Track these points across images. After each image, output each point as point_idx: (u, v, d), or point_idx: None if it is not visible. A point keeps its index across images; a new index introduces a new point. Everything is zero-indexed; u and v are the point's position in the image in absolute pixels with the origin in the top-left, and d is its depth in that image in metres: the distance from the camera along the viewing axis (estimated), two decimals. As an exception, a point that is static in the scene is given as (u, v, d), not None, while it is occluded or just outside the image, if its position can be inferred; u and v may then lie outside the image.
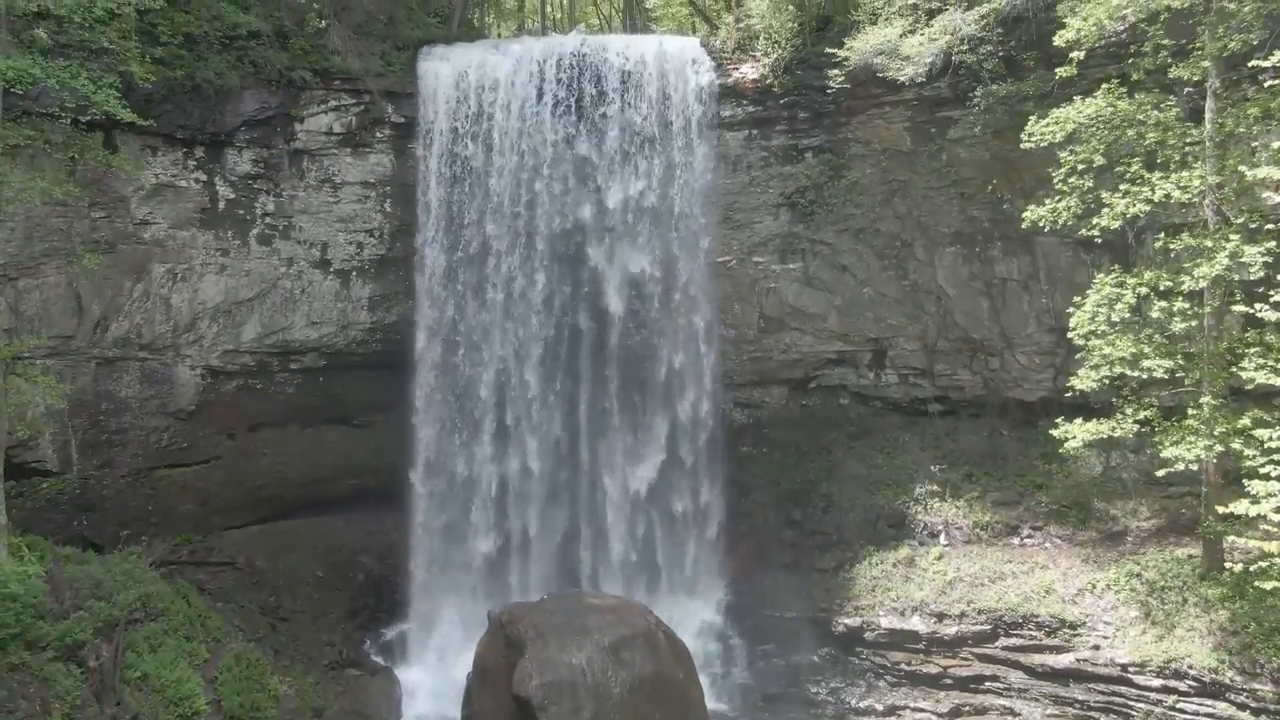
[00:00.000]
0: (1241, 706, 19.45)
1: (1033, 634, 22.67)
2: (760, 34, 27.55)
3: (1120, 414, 20.96)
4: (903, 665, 23.95)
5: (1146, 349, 19.89)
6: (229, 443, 26.65)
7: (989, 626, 23.17)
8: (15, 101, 19.94)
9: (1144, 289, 19.82)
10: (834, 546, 26.54)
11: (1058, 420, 21.56)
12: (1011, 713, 22.53)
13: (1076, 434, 21.05)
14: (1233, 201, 19.75)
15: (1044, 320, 25.91)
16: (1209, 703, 19.96)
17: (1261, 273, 18.46)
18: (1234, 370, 19.40)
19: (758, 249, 28.23)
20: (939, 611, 23.84)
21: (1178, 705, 20.36)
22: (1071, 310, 20.92)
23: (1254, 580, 18.33)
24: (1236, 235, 18.83)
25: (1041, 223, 21.27)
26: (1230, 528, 19.82)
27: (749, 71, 27.27)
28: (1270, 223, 18.97)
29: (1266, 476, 17.83)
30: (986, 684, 23.02)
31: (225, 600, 23.56)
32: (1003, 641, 23.00)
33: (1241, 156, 19.29)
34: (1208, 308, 19.80)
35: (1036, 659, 22.47)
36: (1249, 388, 19.23)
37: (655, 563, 27.36)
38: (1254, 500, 17.87)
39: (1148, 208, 19.75)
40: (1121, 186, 20.10)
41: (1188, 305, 19.41)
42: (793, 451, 28.88)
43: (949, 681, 23.37)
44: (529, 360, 26.56)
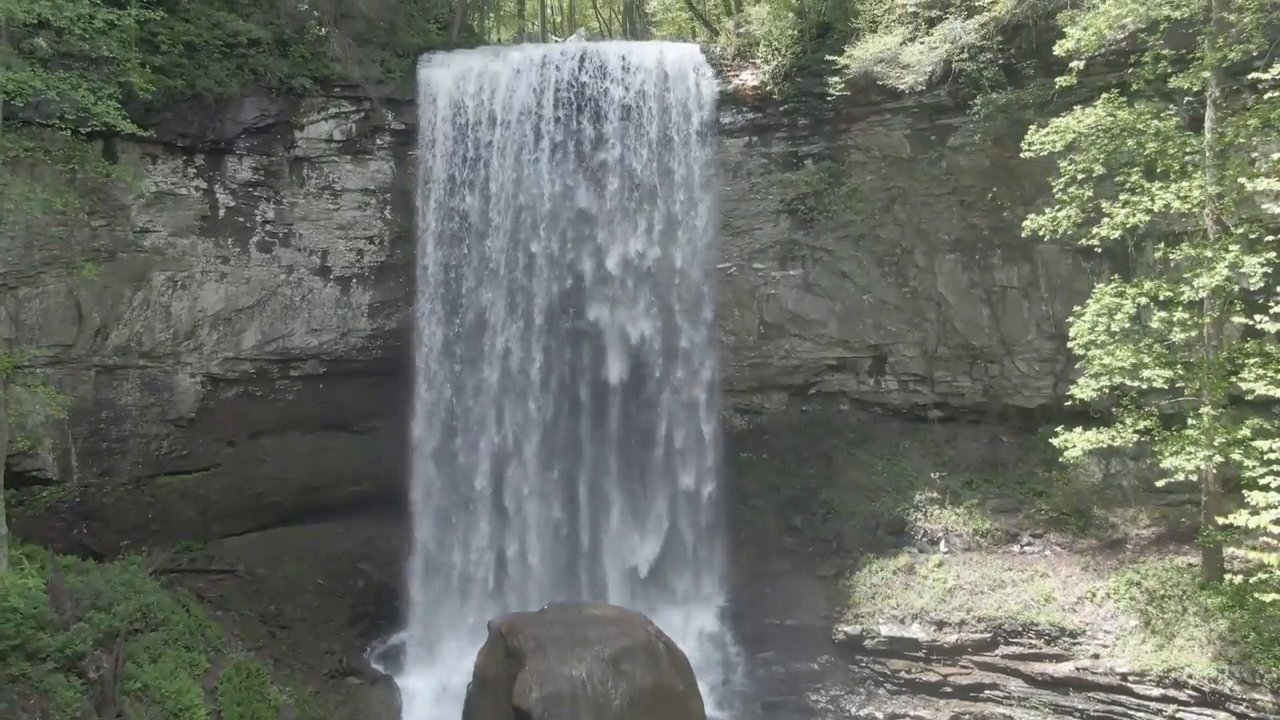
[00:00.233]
0: (1241, 717, 19.41)
1: (1032, 642, 22.63)
2: (760, 41, 27.56)
3: (1120, 423, 20.96)
4: (903, 673, 23.91)
5: (1146, 359, 19.87)
6: (229, 450, 26.64)
7: (989, 635, 23.11)
8: (15, 111, 19.95)
9: (1144, 299, 19.79)
10: (834, 553, 26.48)
11: (1058, 429, 21.48)
12: (1011, 721, 22.54)
13: (1076, 443, 20.99)
14: (1232, 211, 19.74)
15: (1044, 328, 25.89)
16: (1209, 712, 19.91)
17: (1261, 283, 18.44)
18: (1234, 380, 19.41)
19: (758, 255, 28.25)
20: (939, 619, 23.80)
21: (1178, 715, 20.32)
22: (1071, 320, 20.91)
23: (1253, 592, 18.33)
24: (1236, 246, 18.81)
25: (1041, 232, 21.27)
26: (1229, 537, 19.84)
27: (749, 78, 27.28)
28: (1270, 233, 18.93)
29: (1266, 488, 17.80)
30: (986, 692, 22.97)
31: (225, 608, 23.50)
32: (1003, 650, 22.94)
33: (1241, 167, 19.26)
34: (1207, 318, 19.76)
35: (1036, 667, 22.42)
36: (1249, 398, 19.22)
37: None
38: (1253, 511, 17.86)
39: (1147, 218, 19.74)
40: (1121, 196, 20.07)
41: (1187, 315, 19.37)
42: (792, 458, 28.87)
43: (949, 690, 23.33)
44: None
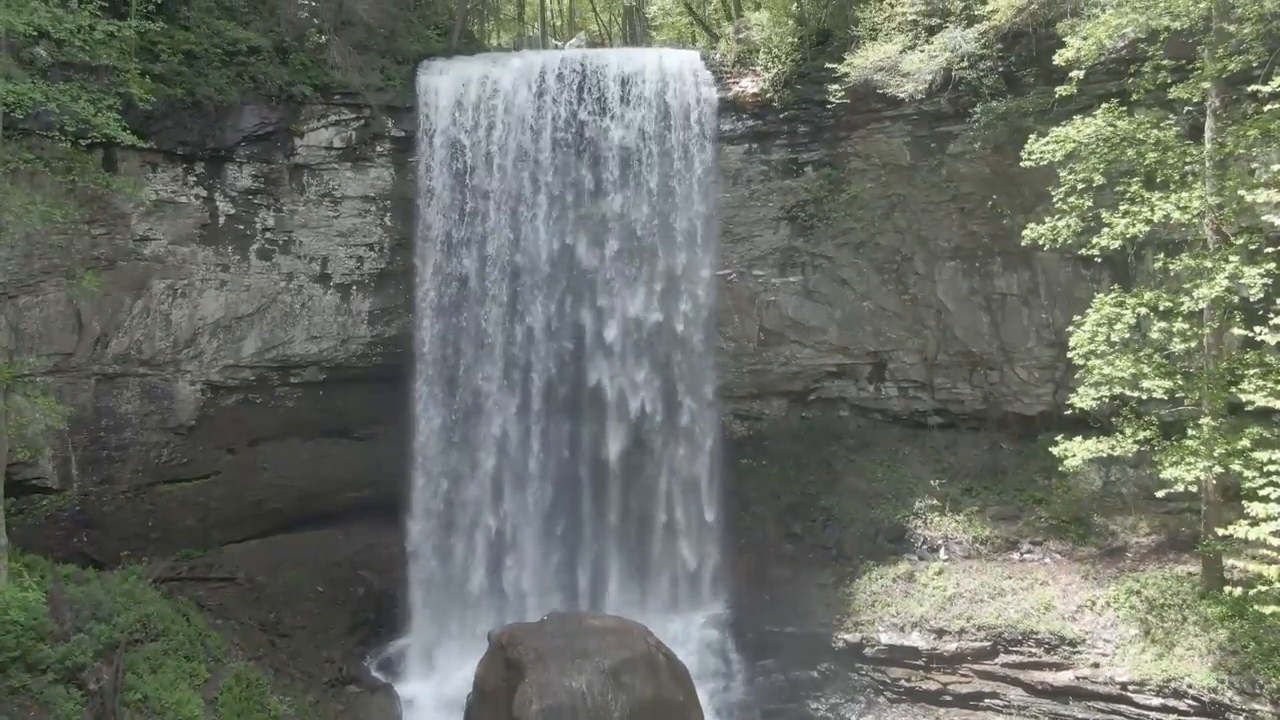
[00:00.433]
0: (1240, 727, 19.48)
1: (1032, 651, 22.65)
2: (760, 48, 27.53)
3: (1120, 433, 20.96)
4: (902, 681, 23.92)
5: (1146, 369, 19.87)
6: (229, 457, 26.62)
7: (989, 643, 23.14)
8: (15, 121, 19.93)
9: (1143, 309, 19.80)
10: (834, 561, 26.46)
11: (1058, 438, 21.47)
12: (1011, 730, 22.56)
13: (1076, 452, 21.00)
14: (1232, 222, 19.72)
15: (1044, 335, 25.89)
16: (1208, 722, 19.98)
17: (1261, 294, 18.44)
18: (1233, 391, 19.41)
19: (757, 262, 28.24)
20: (939, 628, 23.81)
21: (1177, 725, 20.38)
22: (1071, 329, 20.90)
23: (1253, 603, 18.32)
24: (1236, 256, 18.81)
25: (1041, 241, 21.26)
26: (1229, 547, 19.84)
27: (749, 85, 27.26)
28: (1270, 244, 18.93)
29: (1266, 499, 17.80)
30: (986, 701, 22.99)
31: (225, 617, 23.51)
32: (1002, 658, 22.97)
33: (1241, 177, 19.26)
34: (1207, 328, 19.76)
35: (1036, 676, 22.45)
36: (1249, 409, 19.21)
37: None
38: (1253, 522, 17.86)
39: (1147, 228, 19.72)
40: (1121, 206, 20.07)
41: (1187, 326, 19.37)
42: (792, 464, 28.86)
43: (949, 698, 23.35)
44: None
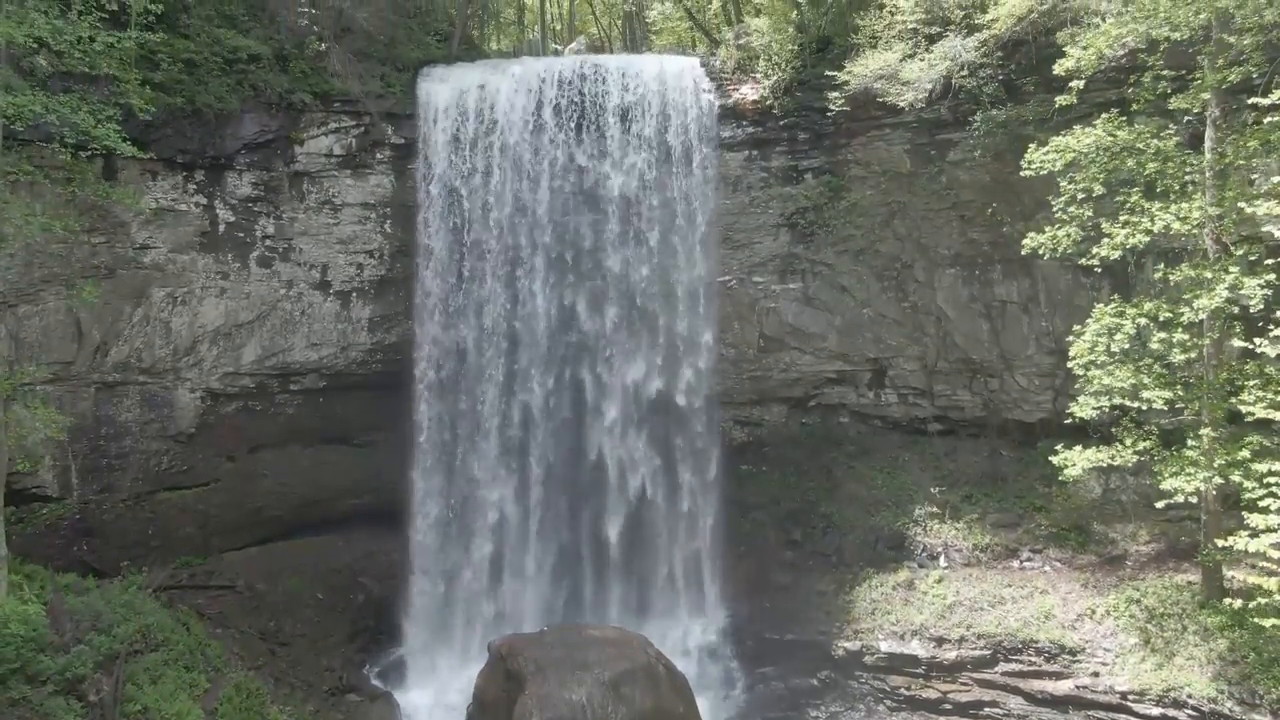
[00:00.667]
0: (1241, 737, 19.47)
1: (1032, 660, 22.66)
2: (760, 55, 27.54)
3: (1120, 443, 20.96)
4: (902, 690, 23.93)
5: (1146, 380, 19.86)
6: (229, 464, 26.61)
7: (989, 652, 23.15)
8: (14, 132, 19.92)
9: (1143, 319, 19.78)
10: (834, 568, 26.46)
11: (1058, 447, 21.43)
12: (1011, 739, 22.57)
13: (1076, 461, 20.96)
14: (1231, 232, 19.72)
15: (1044, 343, 25.89)
16: (1208, 732, 19.97)
17: (1261, 306, 18.43)
18: (1233, 401, 19.41)
19: (757, 269, 28.24)
20: (938, 636, 23.82)
21: (1177, 734, 20.37)
22: (1071, 339, 20.88)
23: (1253, 616, 18.31)
24: (1236, 268, 18.81)
25: (1041, 251, 21.24)
26: (1229, 557, 19.83)
27: (749, 92, 27.27)
28: (1270, 255, 18.93)
29: (1265, 510, 17.80)
30: (986, 710, 22.99)
31: (225, 626, 23.50)
32: (1002, 667, 22.97)
33: (1241, 188, 19.25)
34: (1207, 339, 19.75)
35: (1036, 685, 22.46)
36: (1249, 419, 19.20)
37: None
38: (1253, 534, 17.86)
39: (1147, 238, 19.71)
40: (1121, 216, 20.07)
41: (1187, 337, 19.36)
42: (792, 470, 28.87)
43: (948, 707, 23.35)
44: None
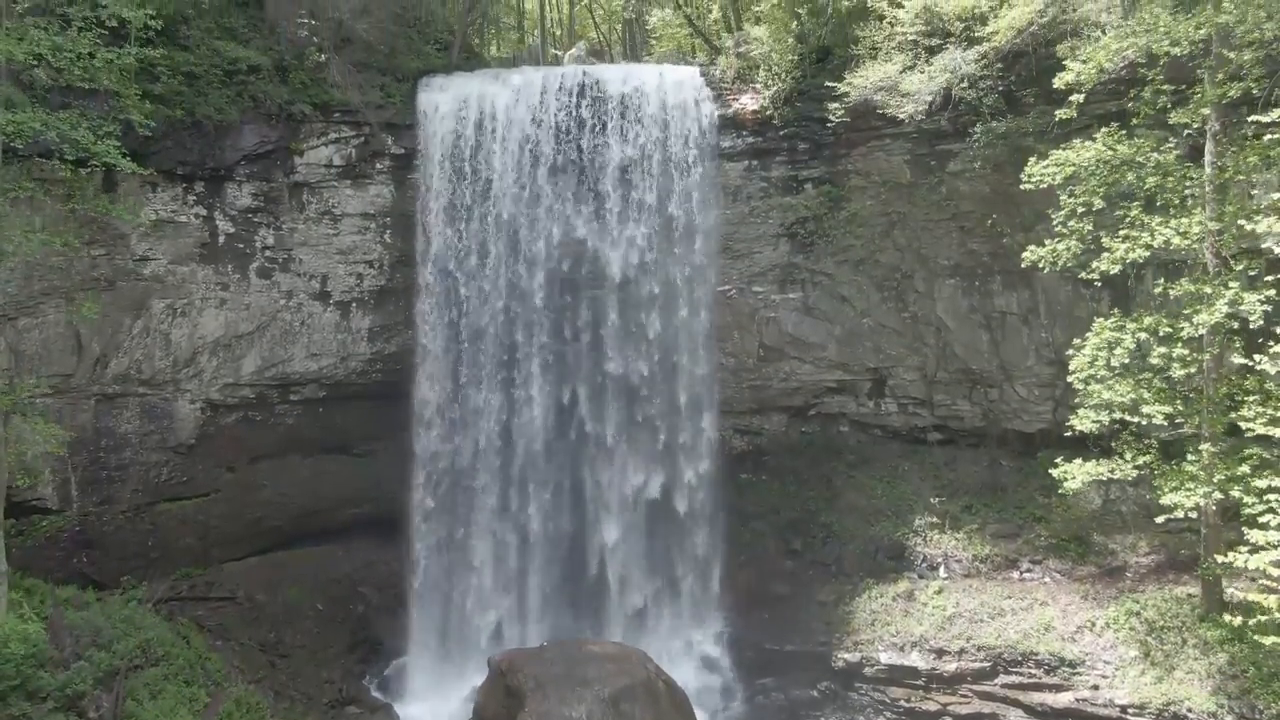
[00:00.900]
0: (1240, 751, 19.48)
1: (1032, 672, 22.67)
2: (760, 64, 27.53)
3: (1120, 456, 20.96)
4: (902, 702, 23.93)
5: (1146, 394, 19.86)
6: (229, 475, 26.59)
7: (988, 664, 23.15)
8: (14, 148, 19.90)
9: (1143, 334, 19.77)
10: (833, 578, 26.46)
11: (1058, 460, 21.41)
12: (1011, 751, 22.56)
13: (1076, 474, 20.93)
14: (1231, 246, 19.71)
15: (1043, 353, 25.89)
16: (1208, 746, 19.97)
17: (1261, 321, 18.42)
18: (1233, 416, 19.40)
19: (757, 279, 28.22)
20: (938, 647, 23.82)
21: (1177, 748, 20.38)
22: (1071, 352, 20.89)
23: (1253, 633, 18.31)
24: (1236, 283, 18.80)
25: (1041, 264, 21.24)
26: (1229, 572, 19.82)
27: (749, 102, 27.25)
28: (1271, 271, 18.92)
29: (1265, 526, 17.80)
30: (986, 722, 23.08)
31: (225, 638, 23.50)
32: (1002, 679, 22.97)
33: (1241, 203, 19.24)
34: (1207, 354, 19.74)
35: (1036, 697, 22.47)
36: (1249, 435, 19.20)
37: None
38: (1253, 550, 17.86)
39: (1147, 253, 19.70)
40: (1121, 230, 20.06)
41: (1187, 352, 19.35)
42: (792, 479, 28.86)
43: (949, 719, 23.38)
44: None
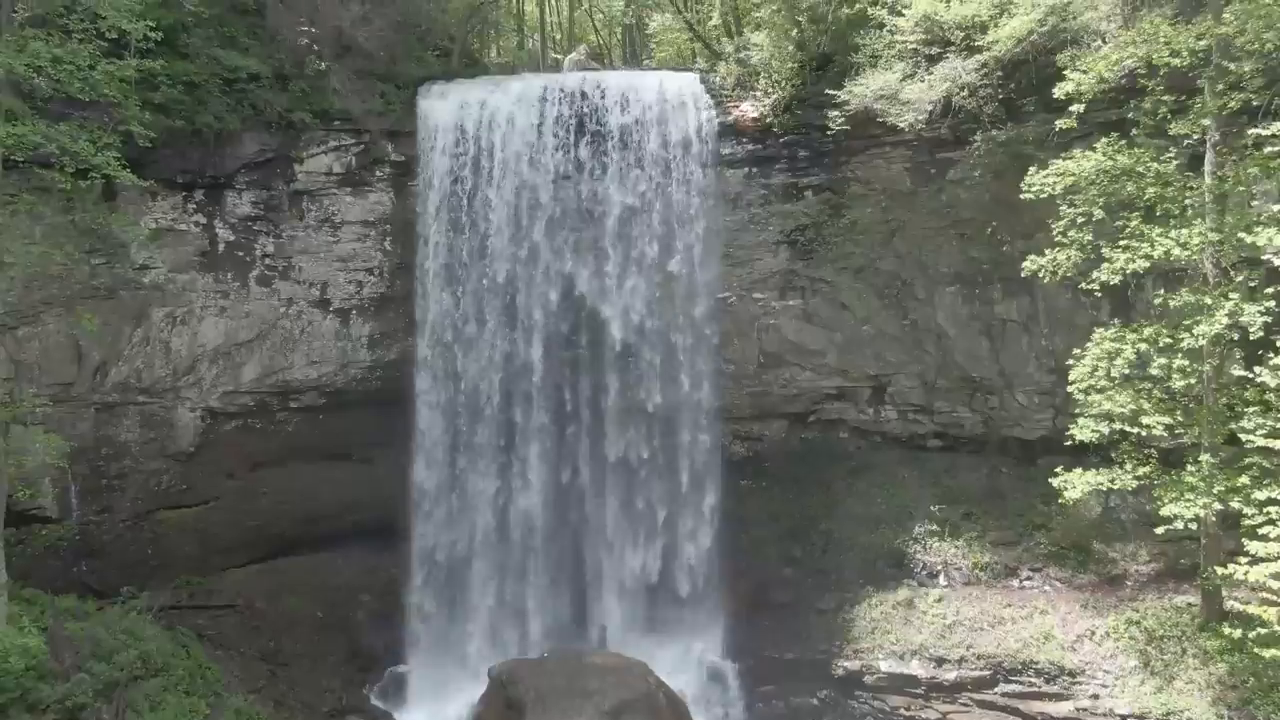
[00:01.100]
0: (1240, 762, 19.50)
1: (1032, 681, 22.71)
2: (760, 71, 27.52)
3: (1120, 466, 20.96)
4: (902, 710, 23.96)
5: (1146, 404, 19.86)
6: (229, 483, 26.57)
7: (988, 672, 23.18)
8: (13, 159, 19.88)
9: (1143, 344, 19.77)
10: (834, 586, 26.40)
11: (1058, 469, 21.42)
12: (1011, 760, 22.59)
13: (1076, 484, 20.98)
14: (1232, 256, 19.70)
15: (1044, 361, 25.86)
16: (1208, 757, 19.97)
17: (1261, 332, 18.41)
18: (1233, 427, 19.40)
19: (757, 286, 28.19)
20: (938, 656, 23.83)
21: (1177, 758, 20.39)
22: (1071, 362, 20.90)
23: (1253, 646, 18.31)
24: (1236, 294, 18.81)
25: (1041, 274, 21.24)
26: (1229, 582, 19.81)
27: (749, 110, 27.24)
28: (1271, 282, 18.91)
29: (1265, 537, 17.80)
30: (986, 730, 23.08)
31: (225, 647, 23.50)
32: (1002, 688, 23.03)
33: (1241, 215, 19.23)
34: (1207, 365, 19.75)
35: (1036, 706, 22.50)
36: (1249, 446, 19.20)
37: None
38: (1252, 561, 17.88)
39: (1148, 264, 19.70)
40: (1121, 241, 20.05)
41: (1187, 362, 19.34)
42: (792, 486, 28.81)
43: (948, 728, 23.46)
44: None
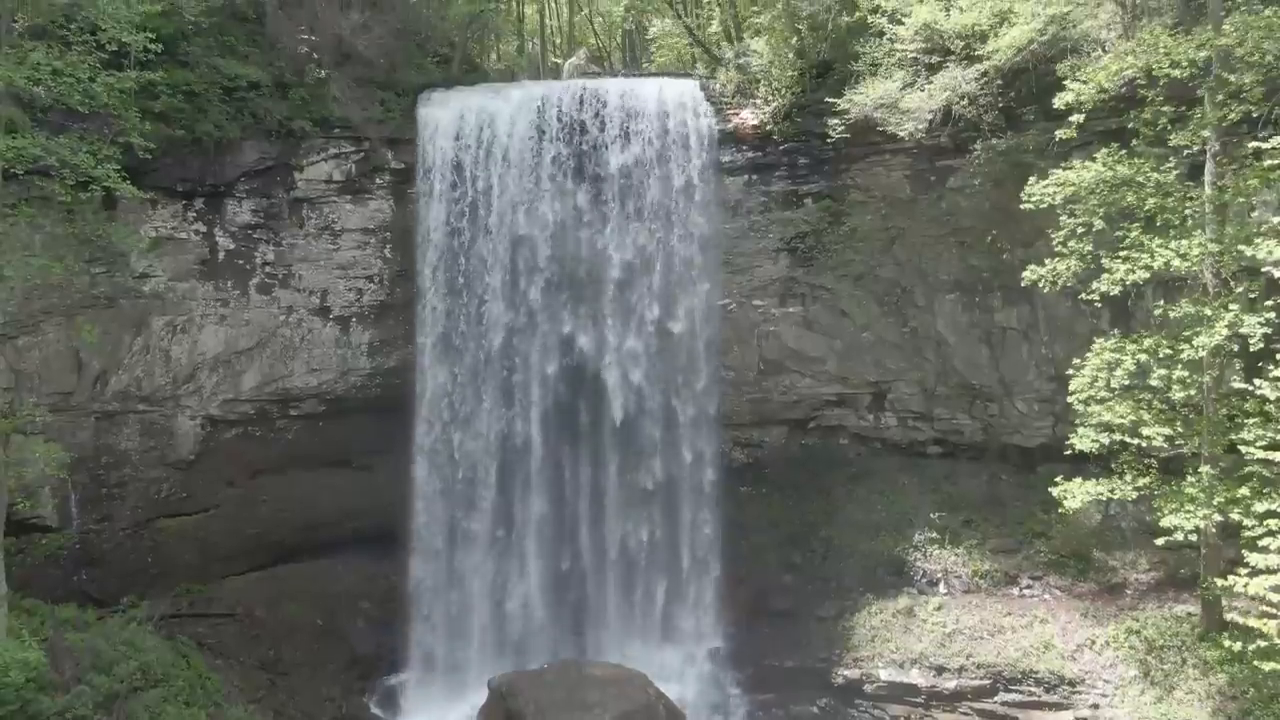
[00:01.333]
0: (1240, 773, 19.49)
1: (1032, 690, 22.74)
2: (760, 79, 27.53)
3: (1120, 477, 20.95)
4: (901, 719, 23.96)
5: (1146, 415, 19.85)
6: (229, 491, 26.56)
7: (988, 681, 23.21)
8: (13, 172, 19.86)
9: (1143, 355, 19.75)
10: (834, 593, 26.39)
11: (1058, 477, 21.40)
12: (1011, 770, 22.59)
13: (1076, 494, 20.93)
14: (1232, 267, 19.69)
15: (1043, 369, 25.87)
16: (1208, 768, 19.97)
17: (1261, 344, 18.40)
18: (1233, 438, 19.38)
19: (757, 293, 28.20)
20: (938, 665, 23.84)
21: (1177, 770, 20.37)
22: (1071, 371, 20.88)
23: (1253, 659, 18.30)
24: (1236, 305, 18.79)
25: (1041, 284, 21.22)
26: (1228, 594, 19.80)
27: (749, 117, 27.26)
28: (1271, 293, 18.90)
29: (1265, 549, 17.78)
30: (986, 740, 23.09)
31: (225, 656, 23.50)
32: (1002, 697, 23.04)
33: (1241, 226, 19.22)
34: (1207, 376, 19.74)
35: (1036, 716, 22.52)
36: (1249, 458, 19.18)
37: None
38: (1252, 573, 17.86)
39: (1148, 274, 19.68)
40: (1121, 251, 20.04)
41: (1187, 373, 19.33)
42: (792, 492, 28.79)
43: (948, 736, 23.46)
44: None
